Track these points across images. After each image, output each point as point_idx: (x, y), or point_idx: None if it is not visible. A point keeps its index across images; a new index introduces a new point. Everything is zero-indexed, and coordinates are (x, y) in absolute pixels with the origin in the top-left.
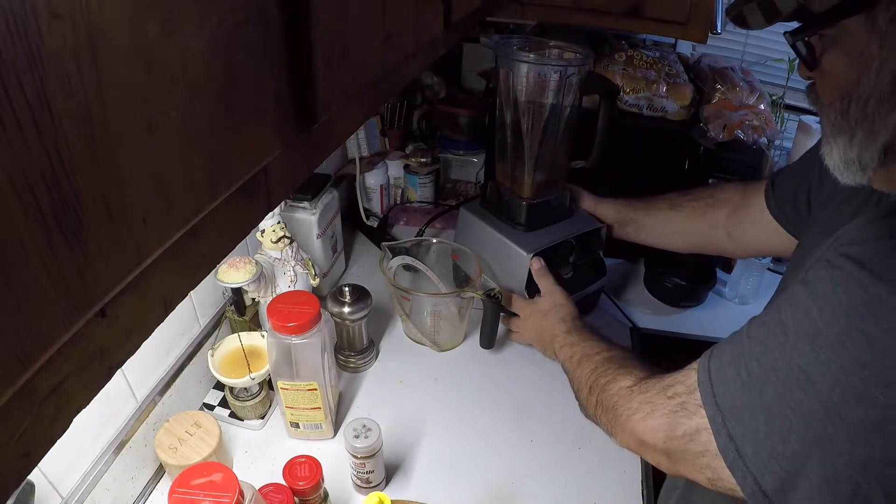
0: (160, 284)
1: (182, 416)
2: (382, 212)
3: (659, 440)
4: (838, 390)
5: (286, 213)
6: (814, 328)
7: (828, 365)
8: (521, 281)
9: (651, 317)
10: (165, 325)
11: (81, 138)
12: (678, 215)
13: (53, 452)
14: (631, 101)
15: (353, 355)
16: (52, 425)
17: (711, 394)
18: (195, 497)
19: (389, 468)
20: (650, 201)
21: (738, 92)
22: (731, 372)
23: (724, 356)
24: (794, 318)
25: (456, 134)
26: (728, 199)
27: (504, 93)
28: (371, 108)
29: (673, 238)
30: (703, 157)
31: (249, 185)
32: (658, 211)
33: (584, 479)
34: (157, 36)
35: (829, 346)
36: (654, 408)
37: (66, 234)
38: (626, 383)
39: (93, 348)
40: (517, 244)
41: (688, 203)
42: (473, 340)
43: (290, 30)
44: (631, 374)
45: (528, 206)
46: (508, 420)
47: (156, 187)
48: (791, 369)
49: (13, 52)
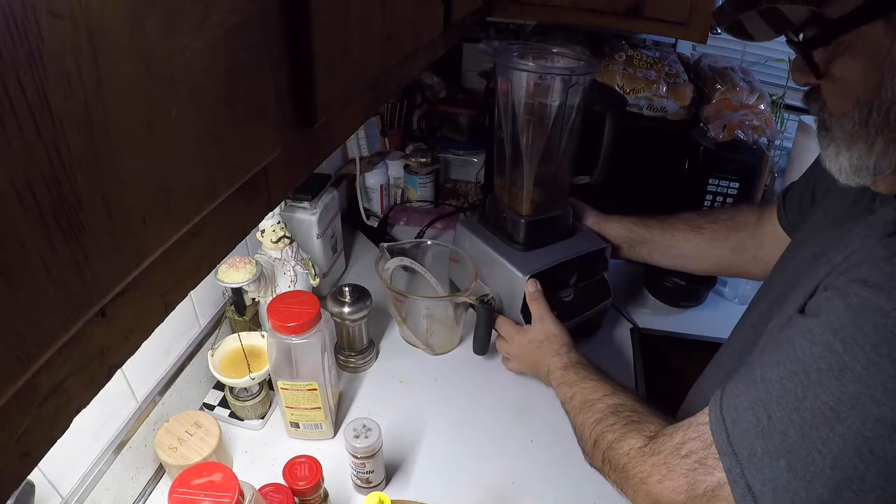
0: (160, 284)
1: (182, 416)
2: (382, 212)
3: (679, 501)
4: (870, 423)
5: (286, 213)
6: (838, 362)
7: (857, 398)
8: (516, 303)
9: (651, 317)
10: (165, 325)
11: (81, 138)
12: (699, 238)
13: (53, 452)
14: (631, 101)
15: (353, 355)
16: (52, 425)
17: (728, 443)
18: (195, 497)
19: (389, 468)
20: (665, 221)
21: (738, 92)
22: (749, 419)
23: (738, 403)
24: (812, 353)
25: (456, 134)
26: (746, 220)
27: (502, 104)
28: (371, 108)
29: (692, 261)
30: (703, 157)
31: (249, 185)
32: (677, 232)
33: (585, 479)
34: (157, 36)
35: (858, 379)
36: (669, 469)
37: (66, 234)
38: (635, 443)
39: (93, 348)
40: (514, 264)
41: (708, 225)
42: (471, 343)
43: (290, 30)
44: (639, 433)
45: (526, 223)
46: (508, 420)
47: (156, 187)
48: (817, 407)
49: (13, 52)
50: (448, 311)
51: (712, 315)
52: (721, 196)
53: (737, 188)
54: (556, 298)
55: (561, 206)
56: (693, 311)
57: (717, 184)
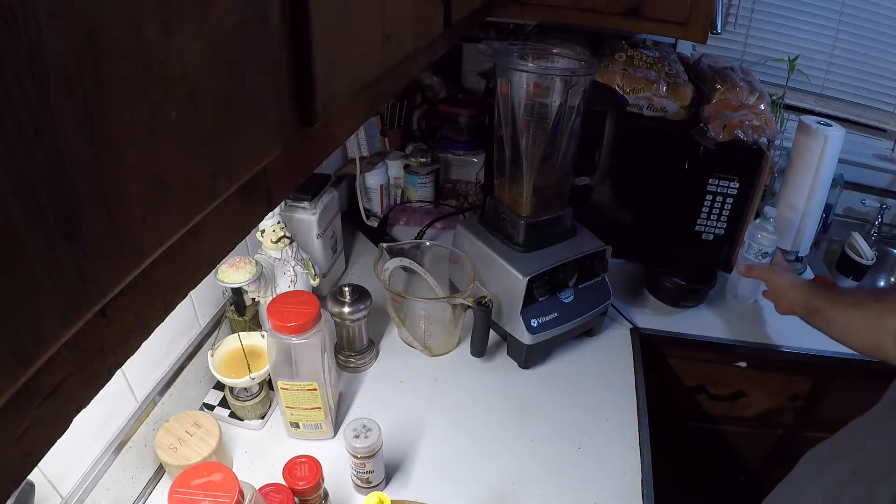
0: (160, 284)
1: (182, 416)
2: (382, 212)
3: None
4: None
5: (286, 213)
6: None
7: None
8: (516, 304)
9: (651, 317)
10: (165, 325)
11: (81, 138)
12: (857, 313)
13: (53, 452)
14: (631, 101)
15: (353, 355)
16: (52, 425)
17: None
18: (195, 497)
19: (389, 468)
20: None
21: (738, 92)
22: None
23: None
24: None
25: (456, 134)
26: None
27: (502, 106)
28: (371, 108)
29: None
30: (703, 157)
31: (249, 184)
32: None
33: (584, 479)
34: (157, 36)
35: None
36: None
37: (66, 234)
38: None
39: (93, 348)
40: (513, 266)
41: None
42: (469, 345)
43: (290, 30)
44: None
45: (526, 224)
46: (508, 420)
47: (156, 187)
48: None
49: (13, 52)
50: (446, 312)
51: (712, 315)
52: (721, 196)
53: (737, 188)
54: (556, 300)
55: (561, 207)
56: (693, 311)
57: (717, 184)
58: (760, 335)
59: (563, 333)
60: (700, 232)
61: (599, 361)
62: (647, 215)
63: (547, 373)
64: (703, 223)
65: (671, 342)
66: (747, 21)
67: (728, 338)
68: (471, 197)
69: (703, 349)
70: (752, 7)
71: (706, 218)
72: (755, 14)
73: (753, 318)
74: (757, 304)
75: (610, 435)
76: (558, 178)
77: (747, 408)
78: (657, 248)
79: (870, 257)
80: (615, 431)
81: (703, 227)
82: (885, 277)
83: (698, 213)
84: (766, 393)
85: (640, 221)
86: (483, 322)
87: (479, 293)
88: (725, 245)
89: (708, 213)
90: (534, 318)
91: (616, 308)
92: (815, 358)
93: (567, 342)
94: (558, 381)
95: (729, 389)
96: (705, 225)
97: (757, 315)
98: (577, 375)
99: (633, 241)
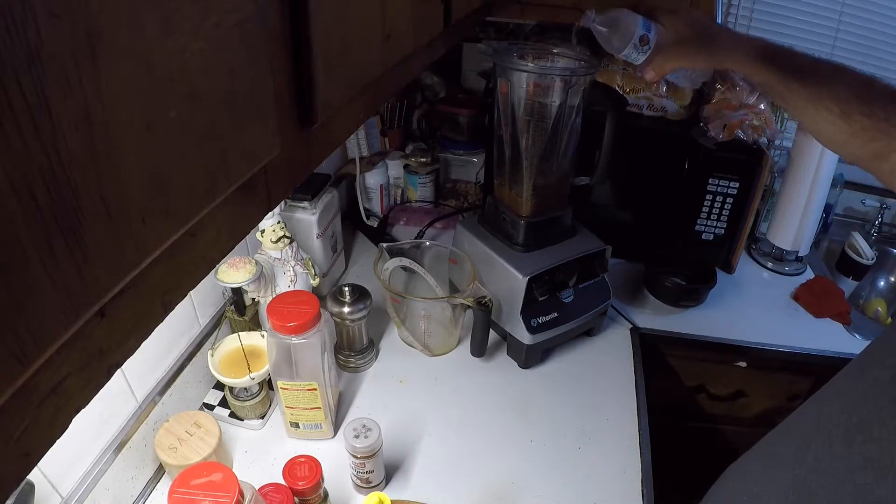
0: (160, 284)
1: (182, 416)
2: (382, 212)
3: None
4: None
5: (286, 213)
6: None
7: None
8: (516, 304)
9: (651, 317)
10: (165, 325)
11: (80, 138)
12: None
13: (53, 452)
14: (631, 101)
15: (353, 355)
16: (51, 425)
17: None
18: (195, 497)
19: (389, 468)
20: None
21: (738, 92)
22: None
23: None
24: None
25: (456, 134)
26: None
27: (502, 106)
28: (371, 108)
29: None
30: (702, 156)
31: (249, 184)
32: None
33: (584, 479)
34: (157, 36)
35: None
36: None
37: (65, 234)
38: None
39: (92, 348)
40: (513, 266)
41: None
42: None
43: (290, 30)
44: None
45: (526, 224)
46: (508, 420)
47: (155, 187)
48: None
49: (12, 52)
50: (446, 312)
51: (712, 315)
52: (721, 196)
53: (737, 188)
54: (556, 299)
55: (561, 207)
56: (693, 311)
57: (716, 184)
58: (760, 335)
59: (563, 333)
60: (700, 232)
61: (599, 361)
62: (647, 215)
63: (547, 373)
64: (703, 223)
65: (671, 342)
66: (747, 21)
67: (728, 338)
68: (471, 197)
69: (703, 349)
70: (752, 7)
71: (706, 218)
72: (755, 14)
73: (753, 318)
74: (757, 304)
75: (610, 435)
76: (558, 178)
77: (747, 408)
78: (657, 248)
79: (870, 257)
80: (615, 431)
81: (703, 227)
82: (885, 277)
83: (698, 213)
84: (766, 393)
85: (640, 221)
86: (483, 322)
87: (479, 293)
88: (725, 245)
89: (708, 212)
90: (534, 317)
91: (616, 308)
92: (815, 358)
93: (567, 342)
94: (558, 380)
95: (729, 389)
96: (705, 225)
97: (757, 315)
98: (577, 375)
99: (633, 241)
